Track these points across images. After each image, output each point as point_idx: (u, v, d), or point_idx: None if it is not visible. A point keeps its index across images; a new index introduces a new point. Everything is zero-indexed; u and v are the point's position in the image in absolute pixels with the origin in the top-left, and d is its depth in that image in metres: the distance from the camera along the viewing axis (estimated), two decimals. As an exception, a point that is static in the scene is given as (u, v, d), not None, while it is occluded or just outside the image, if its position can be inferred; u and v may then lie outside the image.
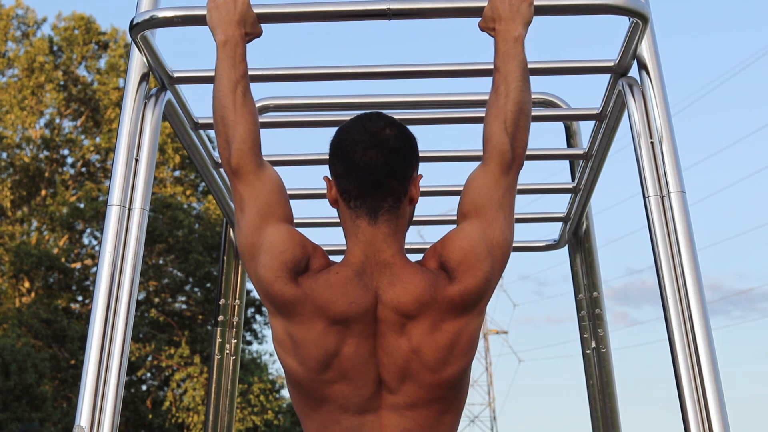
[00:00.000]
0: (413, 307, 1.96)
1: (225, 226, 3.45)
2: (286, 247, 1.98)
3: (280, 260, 1.97)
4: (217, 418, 3.36)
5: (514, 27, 2.11)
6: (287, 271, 1.97)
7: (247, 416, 19.62)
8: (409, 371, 1.98)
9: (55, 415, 17.88)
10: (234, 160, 2.04)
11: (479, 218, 2.03)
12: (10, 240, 21.85)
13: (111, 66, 22.96)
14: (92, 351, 2.13)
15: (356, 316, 1.96)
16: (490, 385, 45.77)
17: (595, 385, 3.39)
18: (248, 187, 2.04)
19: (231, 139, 2.05)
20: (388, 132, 2.02)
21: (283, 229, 2.02)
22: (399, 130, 2.05)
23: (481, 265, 1.98)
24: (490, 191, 2.04)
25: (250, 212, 2.03)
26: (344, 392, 1.99)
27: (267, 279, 1.98)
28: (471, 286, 1.97)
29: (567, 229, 3.52)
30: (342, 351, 1.97)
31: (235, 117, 2.05)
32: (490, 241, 2.01)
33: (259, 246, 2.00)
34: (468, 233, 2.02)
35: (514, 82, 2.07)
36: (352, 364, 1.98)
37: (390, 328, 1.98)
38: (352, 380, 1.98)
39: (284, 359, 2.04)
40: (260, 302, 21.88)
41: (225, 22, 2.11)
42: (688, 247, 2.19)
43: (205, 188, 22.39)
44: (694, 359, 2.08)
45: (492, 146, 2.06)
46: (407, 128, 2.09)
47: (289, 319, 1.99)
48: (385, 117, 2.07)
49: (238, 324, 3.43)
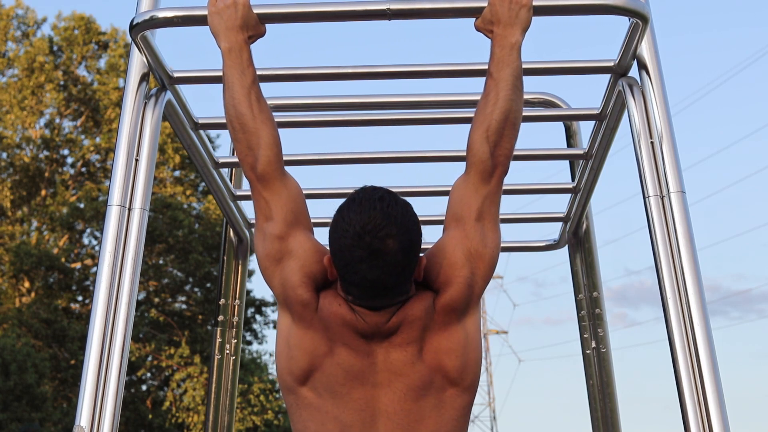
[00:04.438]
0: (415, 331, 2.00)
1: (225, 226, 3.45)
2: (319, 258, 2.03)
3: (311, 269, 2.02)
4: (217, 418, 3.36)
5: (512, 33, 2.11)
6: (314, 280, 2.02)
7: (247, 416, 19.61)
8: (427, 396, 2.01)
9: (55, 415, 17.87)
10: (260, 166, 2.06)
11: (458, 229, 2.07)
12: (10, 240, 21.84)
13: (111, 66, 22.95)
14: (92, 351, 2.13)
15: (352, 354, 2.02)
16: (490, 385, 45.74)
17: (595, 385, 3.39)
18: (275, 195, 2.07)
19: (255, 145, 2.07)
20: (391, 245, 1.91)
21: (315, 241, 2.08)
22: (401, 237, 1.92)
23: (459, 272, 2.02)
24: (469, 201, 2.07)
25: (277, 219, 2.06)
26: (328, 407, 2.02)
27: (293, 282, 2.02)
28: (455, 292, 2.02)
29: (567, 229, 3.52)
30: (326, 365, 2.01)
31: (256, 124, 2.07)
32: (468, 250, 2.04)
33: (288, 252, 2.04)
34: (443, 247, 2.06)
35: (504, 90, 2.08)
36: (338, 382, 2.01)
37: (396, 372, 2.00)
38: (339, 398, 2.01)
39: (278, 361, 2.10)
40: (260, 302, 21.94)
41: (227, 28, 2.12)
42: (688, 247, 2.19)
43: (205, 188, 22.38)
44: (694, 359, 2.08)
45: (472, 154, 2.08)
46: (409, 218, 1.97)
47: (295, 321, 2.04)
48: (387, 220, 1.92)
49: (238, 324, 3.43)
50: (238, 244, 3.45)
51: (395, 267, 1.93)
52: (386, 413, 2.00)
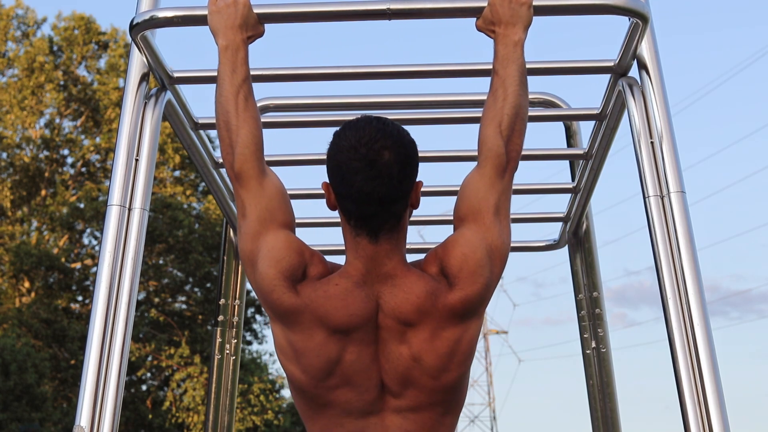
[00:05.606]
0: (413, 315, 1.97)
1: (225, 226, 3.46)
2: (283, 255, 1.98)
3: (277, 269, 1.97)
4: (217, 418, 3.36)
5: (514, 31, 2.11)
6: (284, 279, 1.97)
7: (247, 416, 19.62)
8: (411, 377, 1.99)
9: (55, 415, 17.88)
10: (237, 164, 2.04)
11: (477, 223, 2.03)
12: (10, 240, 21.85)
13: (111, 66, 22.96)
14: (92, 351, 2.13)
15: (357, 326, 1.97)
16: (490, 385, 45.75)
17: (595, 385, 3.39)
18: (250, 193, 2.04)
19: (234, 143, 2.05)
20: (387, 157, 1.94)
21: (282, 237, 2.01)
22: (397, 149, 1.96)
23: (481, 271, 1.99)
24: (486, 195, 2.05)
25: (251, 218, 2.03)
26: (347, 397, 2.00)
27: (265, 287, 1.98)
28: (472, 293, 1.98)
29: (567, 229, 3.52)
30: (344, 358, 1.98)
31: (238, 122, 2.05)
32: (489, 245, 2.01)
33: (258, 252, 2.00)
34: (468, 238, 2.02)
35: (511, 86, 2.08)
36: (354, 371, 1.98)
37: (391, 336, 1.98)
38: (355, 385, 1.99)
39: (286, 366, 2.05)
40: (261, 302, 21.92)
41: (226, 27, 2.12)
42: (688, 247, 2.19)
43: (205, 188, 22.39)
44: (694, 359, 2.08)
45: (487, 149, 2.07)
46: (405, 136, 2.01)
47: (290, 327, 2.00)
48: (382, 134, 1.96)
49: (238, 324, 3.43)
50: (238, 244, 3.45)
51: (391, 179, 1.94)
52: (387, 388, 2.00)
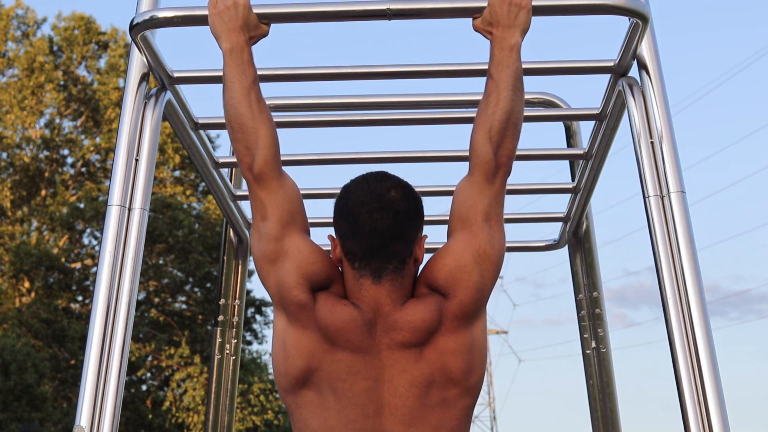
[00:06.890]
0: (422, 336, 2.00)
1: (225, 226, 3.45)
2: (316, 260, 2.04)
3: (307, 270, 2.03)
4: (217, 418, 3.36)
5: (511, 35, 2.11)
6: (309, 282, 2.02)
7: (247, 416, 19.61)
8: (430, 394, 2.01)
9: (55, 415, 17.88)
10: (257, 166, 2.07)
11: (464, 231, 2.07)
12: (10, 240, 21.84)
13: (111, 66, 22.95)
14: (92, 351, 2.13)
15: (353, 351, 2.01)
16: (490, 385, 45.72)
17: (595, 385, 3.39)
18: (271, 195, 2.07)
19: (253, 145, 2.07)
20: (393, 194, 2.03)
21: (311, 242, 2.09)
22: (405, 191, 2.06)
23: (468, 276, 2.03)
24: (475, 202, 2.08)
25: (273, 219, 2.06)
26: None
27: (288, 283, 2.02)
28: (465, 298, 2.02)
29: (567, 229, 3.52)
30: (325, 363, 2.01)
31: (255, 123, 2.08)
32: (476, 250, 2.05)
33: (284, 253, 2.04)
34: (449, 248, 2.07)
35: (505, 91, 2.08)
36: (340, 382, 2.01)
37: (399, 368, 2.00)
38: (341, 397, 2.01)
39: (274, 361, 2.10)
40: (260, 302, 21.92)
41: (228, 29, 2.13)
42: (688, 247, 2.19)
43: (205, 188, 22.38)
44: (694, 359, 2.08)
45: (476, 155, 2.09)
46: (412, 189, 2.10)
47: (291, 323, 2.04)
48: (390, 177, 2.08)
49: (238, 324, 3.43)
50: (238, 244, 3.45)
51: (396, 214, 2.00)
52: (389, 407, 2.00)
